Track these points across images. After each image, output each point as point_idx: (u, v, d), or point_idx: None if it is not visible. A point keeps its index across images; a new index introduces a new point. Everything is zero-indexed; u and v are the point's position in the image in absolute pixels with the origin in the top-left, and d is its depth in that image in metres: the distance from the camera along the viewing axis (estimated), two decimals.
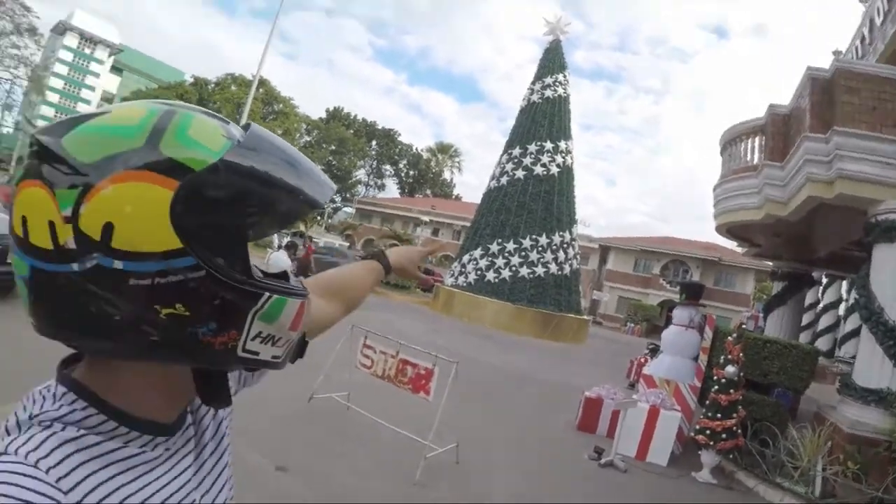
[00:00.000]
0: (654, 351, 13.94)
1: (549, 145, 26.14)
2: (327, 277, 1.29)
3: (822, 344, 14.10)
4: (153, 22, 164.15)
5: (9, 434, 0.67)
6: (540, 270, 24.30)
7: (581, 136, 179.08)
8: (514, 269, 24.28)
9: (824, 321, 14.88)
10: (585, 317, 27.32)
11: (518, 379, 12.50)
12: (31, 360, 5.80)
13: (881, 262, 8.72)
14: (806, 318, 15.33)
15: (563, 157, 26.44)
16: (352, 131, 69.49)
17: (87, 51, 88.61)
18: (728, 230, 14.32)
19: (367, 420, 6.63)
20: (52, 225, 0.63)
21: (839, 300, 13.08)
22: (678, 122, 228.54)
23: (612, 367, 17.82)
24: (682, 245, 50.71)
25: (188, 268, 0.64)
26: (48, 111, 78.29)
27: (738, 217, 12.60)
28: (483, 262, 24.90)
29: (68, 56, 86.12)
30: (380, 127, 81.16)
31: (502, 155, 27.59)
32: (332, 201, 66.61)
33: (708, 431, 7.83)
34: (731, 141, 13.35)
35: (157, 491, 0.73)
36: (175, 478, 0.77)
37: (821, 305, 15.12)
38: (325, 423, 6.67)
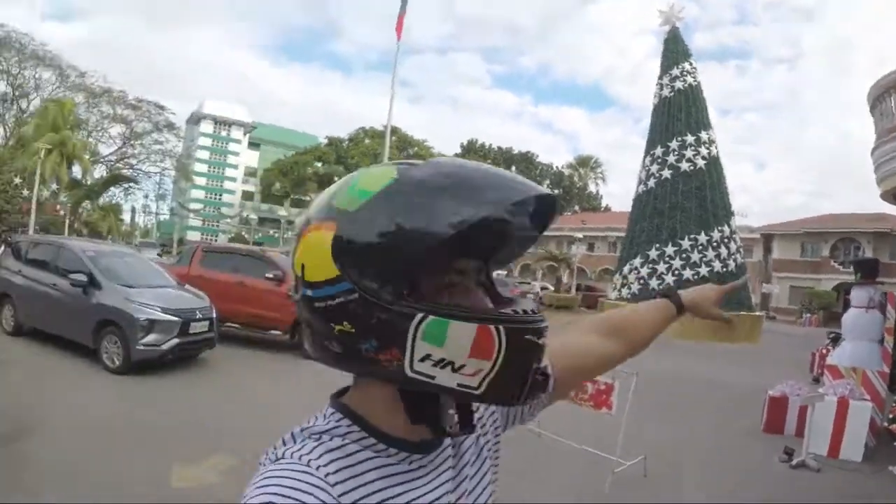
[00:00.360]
0: (836, 339, 13.27)
1: (690, 139, 25.64)
2: (610, 315, 1.33)
3: None
4: (277, 95, 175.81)
5: (285, 444, 0.81)
6: (704, 270, 23.78)
7: (721, 123, 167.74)
8: (676, 272, 23.92)
9: None
10: (757, 313, 26.19)
11: (697, 384, 12.35)
12: (206, 419, 6.61)
13: None
14: None
15: (708, 149, 25.84)
16: (489, 160, 70.72)
17: (224, 133, 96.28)
18: (895, 196, 13.50)
19: (550, 440, 6.84)
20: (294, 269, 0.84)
21: None
22: (820, 86, 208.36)
23: (793, 362, 17.00)
24: (848, 221, 47.18)
25: (346, 291, 0.76)
26: (198, 194, 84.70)
27: None
28: (644, 270, 24.68)
29: (207, 141, 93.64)
30: (516, 152, 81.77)
31: (645, 157, 27.33)
32: None
33: None
34: (880, 97, 12.69)
35: (413, 500, 0.82)
36: (429, 492, 0.85)
37: None
38: (509, 445, 6.97)
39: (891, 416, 7.74)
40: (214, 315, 10.19)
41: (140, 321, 8.95)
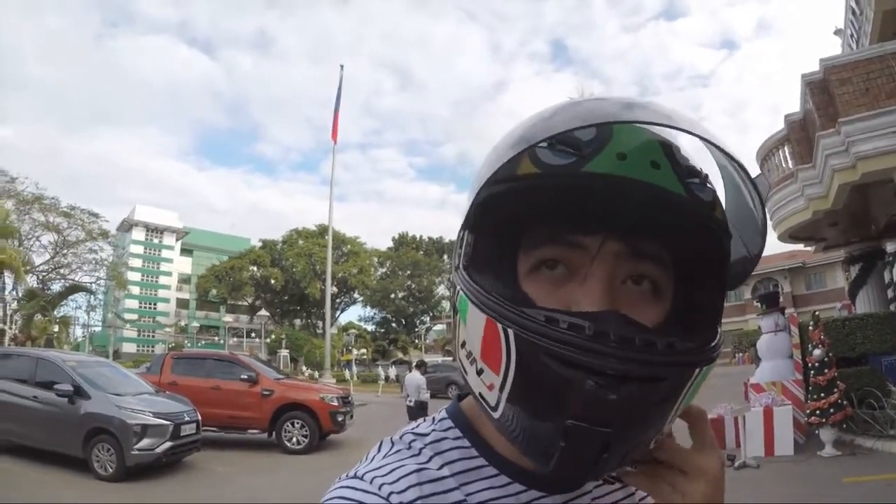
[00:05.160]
0: None
1: None
2: None
3: None
4: (206, 200, 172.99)
5: (379, 450, 0.68)
6: None
7: None
8: None
9: None
10: None
11: None
12: None
13: None
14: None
15: None
16: (421, 252, 71.91)
17: (156, 240, 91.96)
18: (790, 236, 15.19)
19: None
20: None
21: None
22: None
23: (730, 394, 18.23)
24: (764, 262, 50.34)
25: None
26: (132, 303, 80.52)
27: (793, 221, 13.60)
28: None
29: (139, 248, 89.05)
30: (446, 241, 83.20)
31: None
32: (422, 322, 67.72)
33: (818, 412, 8.77)
34: (766, 156, 14.48)
35: None
36: None
37: (894, 278, 15.71)
38: None
39: (808, 412, 8.99)
40: (199, 417, 10.28)
41: (133, 427, 8.94)
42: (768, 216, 14.15)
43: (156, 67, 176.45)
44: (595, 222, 0.58)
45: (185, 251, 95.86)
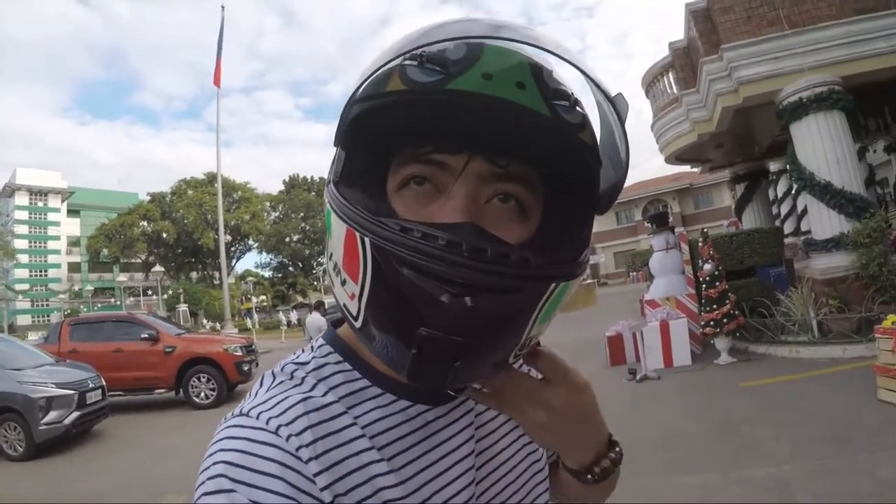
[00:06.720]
0: None
1: None
2: None
3: (789, 226, 15.76)
4: (89, 156, 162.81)
5: (261, 384, 0.68)
6: None
7: None
8: None
9: (784, 208, 16.57)
10: (588, 281, 28.72)
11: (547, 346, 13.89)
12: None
13: (798, 136, 10.31)
14: (782, 211, 17.07)
15: None
16: (313, 193, 70.59)
17: (40, 203, 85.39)
18: (677, 158, 15.94)
19: None
20: None
21: (790, 187, 14.76)
22: (610, 74, 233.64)
23: (627, 311, 19.13)
24: (652, 185, 52.78)
25: None
26: (22, 273, 77.01)
27: (679, 144, 14.25)
28: None
29: (24, 214, 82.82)
30: None
31: None
32: (319, 263, 67.36)
33: (712, 323, 9.37)
34: (651, 83, 14.99)
35: (414, 476, 0.65)
36: (438, 459, 0.68)
37: (778, 195, 16.83)
38: None
39: (702, 324, 9.59)
40: (103, 383, 10.02)
41: (38, 401, 8.66)
42: (655, 139, 15.00)
43: (27, 20, 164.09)
44: (458, 141, 0.60)
45: (73, 212, 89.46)
